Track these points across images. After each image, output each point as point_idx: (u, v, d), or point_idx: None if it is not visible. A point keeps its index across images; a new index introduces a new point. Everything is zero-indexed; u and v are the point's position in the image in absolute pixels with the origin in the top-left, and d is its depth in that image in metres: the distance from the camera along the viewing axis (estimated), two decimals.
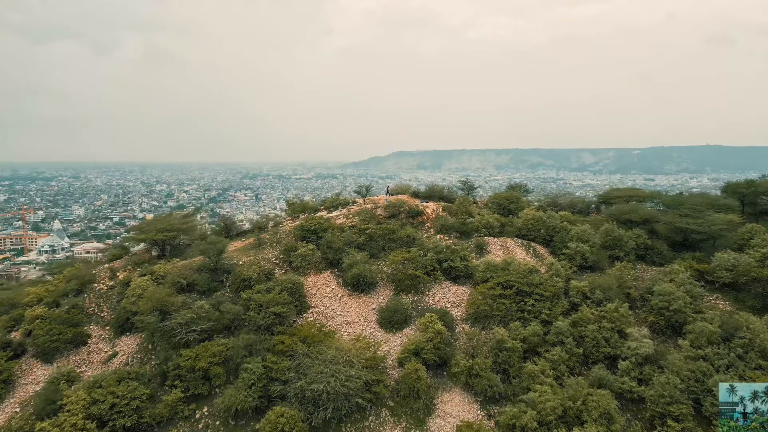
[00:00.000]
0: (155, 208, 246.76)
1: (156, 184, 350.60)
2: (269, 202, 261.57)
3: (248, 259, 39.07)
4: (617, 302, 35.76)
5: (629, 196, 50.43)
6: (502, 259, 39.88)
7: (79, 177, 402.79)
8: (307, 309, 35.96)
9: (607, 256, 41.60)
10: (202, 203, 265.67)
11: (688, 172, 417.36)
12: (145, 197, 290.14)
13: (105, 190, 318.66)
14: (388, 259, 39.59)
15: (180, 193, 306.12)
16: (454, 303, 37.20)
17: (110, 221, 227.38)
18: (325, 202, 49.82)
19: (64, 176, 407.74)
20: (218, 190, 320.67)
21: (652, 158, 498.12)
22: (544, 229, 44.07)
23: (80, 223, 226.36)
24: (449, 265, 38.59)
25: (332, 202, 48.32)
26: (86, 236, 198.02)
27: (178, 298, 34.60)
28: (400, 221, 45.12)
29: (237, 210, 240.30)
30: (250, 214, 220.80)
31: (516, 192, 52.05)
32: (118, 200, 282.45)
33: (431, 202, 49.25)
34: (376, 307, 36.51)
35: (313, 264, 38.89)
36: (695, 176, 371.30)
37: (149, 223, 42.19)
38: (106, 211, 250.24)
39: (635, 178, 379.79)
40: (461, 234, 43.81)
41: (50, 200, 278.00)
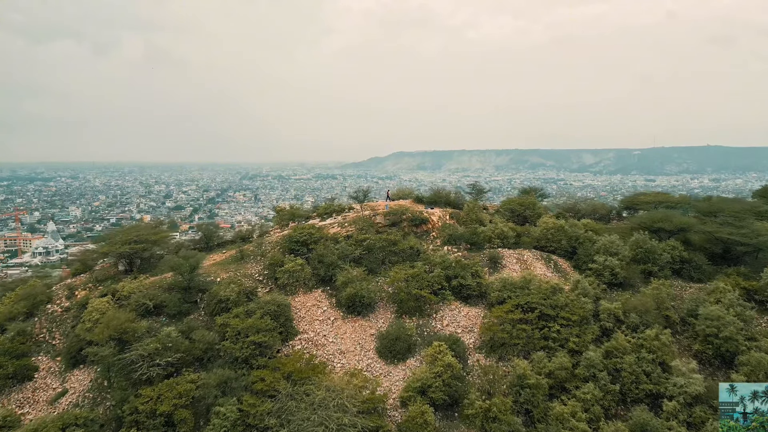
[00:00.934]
0: (153, 209, 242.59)
1: (155, 184, 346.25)
2: (268, 203, 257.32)
3: (227, 276, 33.89)
4: (657, 328, 30.58)
5: (658, 201, 45.03)
6: (520, 275, 34.65)
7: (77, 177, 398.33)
8: (294, 335, 30.78)
9: (639, 272, 36.36)
10: (201, 204, 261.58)
11: (689, 173, 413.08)
12: (143, 198, 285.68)
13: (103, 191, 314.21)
14: (388, 276, 34.42)
15: (179, 193, 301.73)
16: (466, 328, 31.98)
17: (107, 222, 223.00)
18: (317, 209, 44.53)
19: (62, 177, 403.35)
20: (217, 191, 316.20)
21: (652, 159, 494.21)
22: (565, 240, 38.81)
23: (76, 224, 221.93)
24: (459, 283, 33.38)
25: (326, 209, 43.05)
26: (82, 238, 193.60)
27: (142, 323, 29.48)
28: (402, 230, 39.92)
29: (236, 211, 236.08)
30: (248, 215, 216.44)
31: (531, 197, 46.63)
32: (115, 201, 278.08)
33: (437, 208, 44.04)
34: (375, 333, 31.31)
35: (302, 281, 33.70)
36: (696, 177, 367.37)
37: (116, 234, 37.09)
38: (103, 212, 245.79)
39: (636, 178, 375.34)
40: (471, 245, 38.58)
41: (47, 201, 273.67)
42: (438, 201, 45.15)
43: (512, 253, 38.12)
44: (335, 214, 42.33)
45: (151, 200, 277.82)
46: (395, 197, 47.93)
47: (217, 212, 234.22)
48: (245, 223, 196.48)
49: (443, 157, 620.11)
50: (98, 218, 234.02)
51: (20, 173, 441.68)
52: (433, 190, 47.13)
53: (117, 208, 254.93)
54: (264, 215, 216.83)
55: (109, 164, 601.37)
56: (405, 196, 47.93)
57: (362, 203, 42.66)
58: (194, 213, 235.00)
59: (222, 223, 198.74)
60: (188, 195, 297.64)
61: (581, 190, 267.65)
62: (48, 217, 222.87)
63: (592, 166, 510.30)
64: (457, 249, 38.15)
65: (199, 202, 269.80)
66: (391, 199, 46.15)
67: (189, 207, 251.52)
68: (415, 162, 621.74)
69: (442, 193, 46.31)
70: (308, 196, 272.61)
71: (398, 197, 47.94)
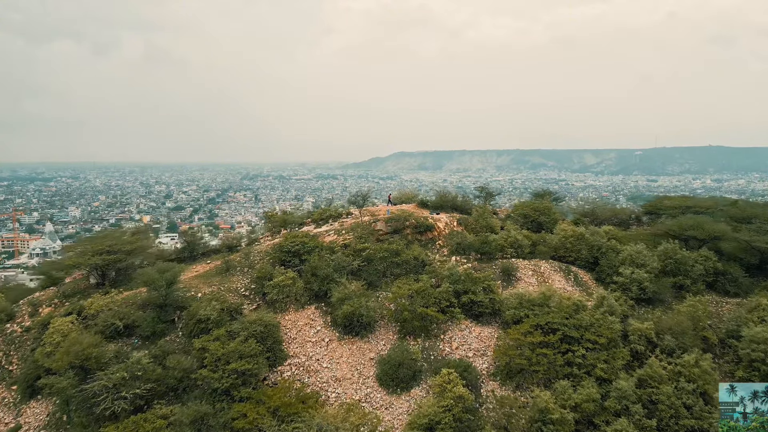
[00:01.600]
0: (153, 209, 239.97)
1: (155, 184, 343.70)
2: (269, 203, 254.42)
3: (210, 290, 30.25)
4: (696, 352, 26.88)
5: (685, 206, 41.14)
6: (537, 290, 30.92)
7: (78, 177, 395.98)
8: (283, 360, 27.12)
9: (669, 286, 32.60)
10: (201, 204, 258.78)
11: (690, 173, 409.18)
12: (143, 198, 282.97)
13: (103, 191, 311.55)
14: (390, 291, 30.72)
15: (179, 194, 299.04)
16: (478, 351, 28.28)
17: (106, 223, 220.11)
18: (312, 214, 40.75)
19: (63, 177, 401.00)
20: (217, 191, 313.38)
21: (654, 159, 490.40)
22: (586, 250, 35.06)
23: (75, 224, 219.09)
24: (470, 299, 29.66)
25: (321, 214, 39.30)
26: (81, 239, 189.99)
27: (110, 347, 25.92)
28: (405, 238, 36.22)
29: (236, 211, 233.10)
30: (248, 216, 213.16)
31: (546, 201, 42.71)
32: (115, 201, 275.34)
33: (442, 213, 40.29)
34: (375, 357, 27.64)
35: (294, 297, 30.02)
36: (698, 177, 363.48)
37: (87, 243, 33.50)
38: (103, 213, 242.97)
39: (637, 179, 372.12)
40: (482, 255, 34.88)
41: (47, 201, 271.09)
42: (444, 205, 41.38)
43: (527, 264, 34.39)
44: (332, 219, 38.62)
45: (151, 200, 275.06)
46: (397, 201, 44.24)
47: (217, 213, 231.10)
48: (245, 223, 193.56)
49: (444, 158, 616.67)
50: (97, 219, 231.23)
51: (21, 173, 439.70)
52: (438, 194, 43.31)
53: (117, 209, 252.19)
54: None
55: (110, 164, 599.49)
56: (408, 200, 44.23)
57: (361, 208, 38.87)
58: (194, 213, 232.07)
59: (222, 223, 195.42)
60: (188, 195, 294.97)
61: (583, 190, 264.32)
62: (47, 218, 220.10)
63: (593, 167, 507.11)
64: (466, 259, 34.45)
65: (199, 202, 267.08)
66: (392, 204, 42.52)
67: (189, 207, 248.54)
68: (416, 162, 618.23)
69: (448, 196, 42.49)
70: (309, 197, 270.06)
71: (400, 201, 44.24)
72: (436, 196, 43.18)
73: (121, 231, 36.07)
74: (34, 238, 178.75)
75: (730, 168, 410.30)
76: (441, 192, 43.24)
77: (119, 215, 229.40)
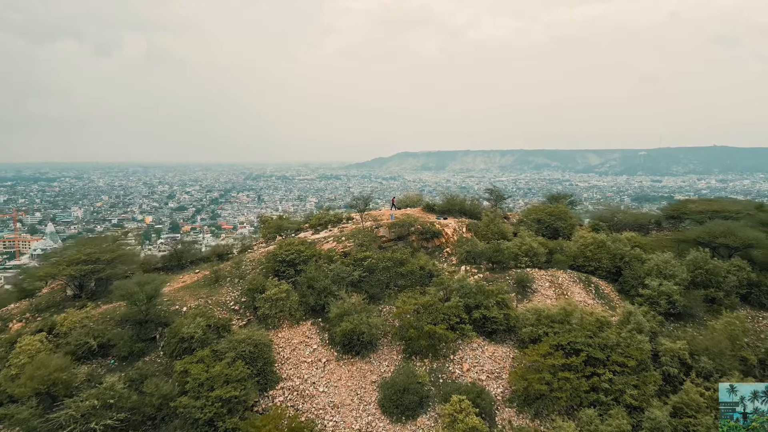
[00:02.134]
0: (155, 210, 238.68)
1: (158, 185, 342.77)
2: (271, 204, 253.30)
3: (196, 304, 27.56)
4: (736, 375, 23.95)
5: (712, 210, 38.07)
6: (556, 304, 28.04)
7: (82, 178, 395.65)
8: (275, 383, 24.38)
9: (701, 299, 29.66)
10: (204, 204, 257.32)
11: (695, 174, 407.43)
12: (146, 198, 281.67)
13: (107, 191, 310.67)
14: (394, 304, 27.95)
15: (182, 194, 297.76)
16: (492, 373, 25.43)
17: (108, 223, 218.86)
18: (310, 219, 37.97)
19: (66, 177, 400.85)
20: (220, 191, 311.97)
21: (658, 159, 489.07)
22: (607, 258, 32.16)
23: (78, 225, 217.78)
24: (482, 315, 26.83)
25: (320, 219, 36.50)
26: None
27: (82, 369, 23.26)
28: (411, 245, 33.43)
29: (238, 211, 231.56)
30: (251, 216, 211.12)
31: (561, 205, 39.72)
32: (118, 201, 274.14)
33: (450, 218, 37.45)
34: (377, 380, 24.85)
35: (288, 312, 27.27)
36: (703, 177, 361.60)
37: (64, 250, 30.90)
38: (106, 213, 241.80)
39: (642, 179, 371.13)
40: (494, 265, 32.03)
41: (50, 201, 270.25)
42: (451, 209, 38.51)
43: (544, 274, 31.52)
44: (331, 225, 35.83)
45: (153, 201, 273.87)
46: (402, 205, 41.44)
47: (219, 213, 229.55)
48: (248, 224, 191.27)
49: (447, 158, 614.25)
50: (100, 219, 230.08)
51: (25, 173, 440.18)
52: (445, 197, 40.43)
53: (119, 209, 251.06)
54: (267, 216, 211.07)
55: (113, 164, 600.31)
56: (413, 204, 41.41)
57: (363, 212, 36.05)
58: (197, 214, 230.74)
59: (224, 224, 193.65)
60: (191, 195, 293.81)
61: (587, 191, 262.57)
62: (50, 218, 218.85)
63: (597, 167, 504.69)
64: (476, 269, 31.60)
65: (202, 202, 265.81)
66: (396, 207, 39.72)
67: (192, 208, 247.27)
68: (419, 162, 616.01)
69: (456, 200, 39.59)
70: (312, 197, 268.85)
71: (405, 205, 41.43)
72: (443, 199, 40.32)
73: (103, 237, 33.38)
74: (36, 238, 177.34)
75: (735, 168, 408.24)
76: (448, 195, 40.37)
77: (122, 215, 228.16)
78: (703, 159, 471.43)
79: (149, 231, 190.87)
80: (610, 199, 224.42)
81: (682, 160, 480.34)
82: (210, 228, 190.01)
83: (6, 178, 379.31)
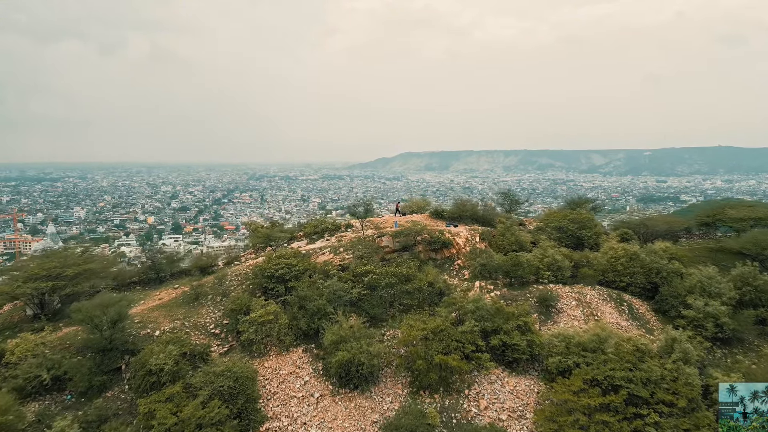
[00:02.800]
0: (158, 210, 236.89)
1: (161, 185, 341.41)
2: (274, 204, 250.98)
3: (171, 327, 23.94)
4: None
5: (756, 218, 33.98)
6: (587, 328, 24.19)
7: (85, 178, 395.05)
8: (260, 424, 20.71)
9: (752, 321, 25.70)
10: (207, 205, 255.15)
11: (700, 174, 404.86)
12: (148, 198, 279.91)
13: (110, 191, 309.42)
14: (398, 326, 24.20)
15: (184, 194, 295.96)
16: (513, 411, 21.64)
17: (110, 223, 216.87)
18: (304, 227, 34.14)
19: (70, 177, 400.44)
20: (223, 192, 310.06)
21: (663, 159, 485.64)
22: (642, 273, 28.24)
23: (80, 225, 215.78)
24: (501, 341, 23.04)
25: (315, 227, 32.73)
26: (84, 240, 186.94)
27: (31, 407, 19.72)
28: (417, 257, 29.69)
29: (241, 212, 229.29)
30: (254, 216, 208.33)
31: (585, 211, 35.66)
32: (121, 202, 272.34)
33: (461, 225, 33.63)
34: (379, 420, 21.12)
35: (276, 337, 23.61)
36: (708, 178, 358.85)
37: (25, 265, 27.39)
38: (108, 213, 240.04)
39: (647, 179, 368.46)
40: (512, 280, 28.22)
41: (53, 201, 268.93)
42: (462, 215, 34.65)
43: (570, 291, 27.66)
44: (327, 233, 32.09)
45: (156, 201, 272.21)
46: (407, 210, 37.61)
47: (222, 213, 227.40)
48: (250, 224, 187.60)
49: (451, 158, 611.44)
50: (102, 219, 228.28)
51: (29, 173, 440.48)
52: (455, 202, 36.57)
53: (122, 209, 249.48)
54: (270, 217, 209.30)
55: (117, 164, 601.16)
56: (419, 209, 37.60)
57: (363, 219, 32.26)
58: (199, 214, 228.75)
59: (227, 224, 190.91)
60: (194, 196, 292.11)
61: (591, 191, 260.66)
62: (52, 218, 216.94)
63: (601, 167, 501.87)
64: (493, 285, 27.78)
65: (204, 203, 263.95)
66: (401, 213, 35.94)
67: (194, 208, 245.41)
68: (423, 162, 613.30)
69: (468, 205, 35.66)
70: (315, 197, 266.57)
71: (410, 210, 37.59)
72: (452, 204, 36.47)
73: (71, 249, 29.89)
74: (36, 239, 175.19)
75: (741, 169, 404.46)
76: (458, 200, 36.46)
77: (124, 216, 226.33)
78: (708, 159, 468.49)
79: (151, 231, 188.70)
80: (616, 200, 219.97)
81: (687, 161, 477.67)
82: (212, 229, 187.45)
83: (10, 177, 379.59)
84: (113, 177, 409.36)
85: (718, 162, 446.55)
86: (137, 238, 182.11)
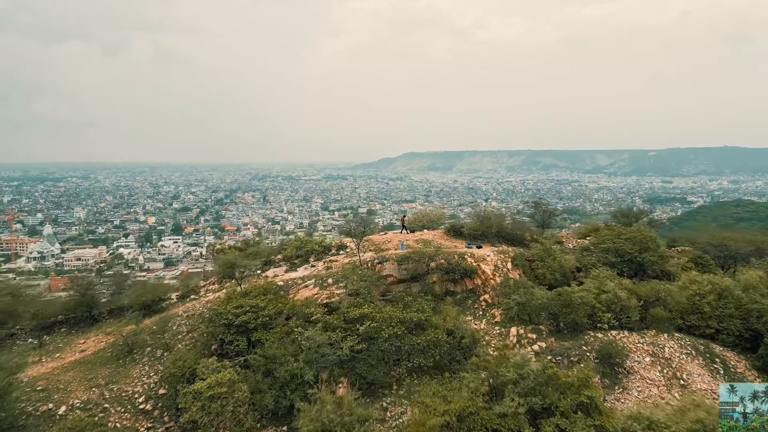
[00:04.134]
0: (159, 210, 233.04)
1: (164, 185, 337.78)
2: (277, 204, 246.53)
3: (85, 399, 16.81)
4: None
5: None
6: (680, 404, 16.79)
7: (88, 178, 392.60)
8: None
9: None
10: (208, 205, 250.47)
11: (706, 174, 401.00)
12: (150, 199, 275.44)
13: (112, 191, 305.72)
14: (407, 403, 16.91)
15: (186, 194, 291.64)
16: None
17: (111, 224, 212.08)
18: (285, 248, 26.42)
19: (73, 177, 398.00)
20: (226, 192, 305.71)
21: (668, 160, 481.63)
22: (737, 316, 20.78)
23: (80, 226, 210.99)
24: (558, 426, 15.70)
25: (298, 248, 25.22)
26: (83, 241, 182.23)
27: None
28: (431, 289, 22.36)
29: (243, 212, 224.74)
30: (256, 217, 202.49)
31: (645, 229, 27.31)
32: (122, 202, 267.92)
33: (486, 245, 26.18)
34: None
35: (231, 418, 16.37)
36: (715, 178, 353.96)
37: None
38: (108, 214, 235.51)
39: (652, 180, 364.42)
40: (559, 325, 20.83)
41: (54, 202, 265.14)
42: (486, 233, 27.03)
43: (639, 341, 20.24)
44: (313, 257, 24.70)
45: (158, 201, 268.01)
46: (416, 225, 29.96)
47: (224, 214, 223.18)
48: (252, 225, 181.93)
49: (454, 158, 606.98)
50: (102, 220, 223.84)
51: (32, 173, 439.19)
52: (477, 214, 28.84)
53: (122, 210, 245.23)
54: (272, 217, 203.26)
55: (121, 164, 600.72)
56: (431, 224, 29.93)
57: (360, 239, 24.64)
58: (201, 215, 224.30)
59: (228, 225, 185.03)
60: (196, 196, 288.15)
61: (596, 192, 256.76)
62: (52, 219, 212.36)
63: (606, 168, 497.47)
64: (535, 333, 20.39)
65: (206, 203, 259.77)
66: (408, 230, 28.37)
67: (196, 208, 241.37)
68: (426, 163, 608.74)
69: (492, 219, 27.87)
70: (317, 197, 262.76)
71: (420, 225, 29.85)
72: (472, 216, 28.89)
73: None
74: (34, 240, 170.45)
75: (747, 169, 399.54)
76: (481, 213, 28.58)
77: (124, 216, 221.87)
78: (713, 159, 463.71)
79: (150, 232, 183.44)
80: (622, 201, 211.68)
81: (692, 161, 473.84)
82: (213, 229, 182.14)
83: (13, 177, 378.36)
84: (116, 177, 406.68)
85: (724, 162, 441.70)
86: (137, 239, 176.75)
